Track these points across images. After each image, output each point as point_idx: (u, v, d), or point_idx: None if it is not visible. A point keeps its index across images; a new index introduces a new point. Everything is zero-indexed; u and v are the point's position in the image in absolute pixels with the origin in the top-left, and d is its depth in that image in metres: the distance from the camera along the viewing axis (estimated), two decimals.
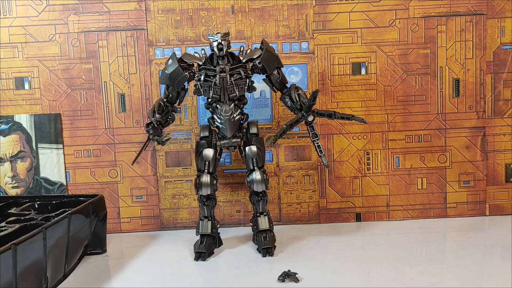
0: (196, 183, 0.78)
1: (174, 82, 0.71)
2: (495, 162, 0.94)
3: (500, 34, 0.91)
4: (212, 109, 0.76)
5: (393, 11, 0.91)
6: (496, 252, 0.76)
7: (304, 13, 0.91)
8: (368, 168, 0.93)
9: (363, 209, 0.94)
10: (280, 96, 0.78)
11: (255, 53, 0.75)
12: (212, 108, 0.76)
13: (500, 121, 0.93)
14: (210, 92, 0.73)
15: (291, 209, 0.94)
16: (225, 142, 0.78)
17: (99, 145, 0.92)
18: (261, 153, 0.78)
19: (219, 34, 0.72)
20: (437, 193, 0.94)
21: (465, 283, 0.65)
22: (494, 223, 0.91)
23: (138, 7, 0.90)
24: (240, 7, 0.90)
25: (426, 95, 0.92)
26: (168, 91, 0.72)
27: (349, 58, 0.91)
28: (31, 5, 0.90)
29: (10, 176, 0.92)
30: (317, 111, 0.75)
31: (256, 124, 0.80)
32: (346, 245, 0.82)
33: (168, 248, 0.84)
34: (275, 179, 0.93)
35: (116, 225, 0.94)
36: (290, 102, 0.76)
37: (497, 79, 0.92)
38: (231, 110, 0.75)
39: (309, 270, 0.71)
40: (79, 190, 0.93)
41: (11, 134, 0.92)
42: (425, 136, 0.93)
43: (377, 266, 0.73)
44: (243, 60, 0.75)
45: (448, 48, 0.91)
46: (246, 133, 0.79)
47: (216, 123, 0.77)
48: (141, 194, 0.94)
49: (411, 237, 0.85)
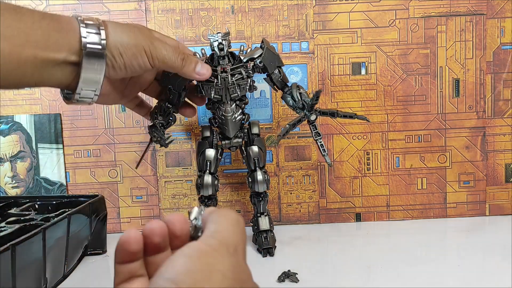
0: (197, 183, 0.78)
1: (175, 83, 0.70)
2: (495, 162, 0.94)
3: (500, 34, 0.91)
4: (213, 110, 0.76)
5: (393, 11, 0.91)
6: (496, 252, 0.76)
7: (304, 13, 0.90)
8: (368, 168, 0.93)
9: (363, 209, 0.94)
10: (282, 95, 0.78)
11: (256, 52, 0.75)
12: (214, 108, 0.76)
13: (500, 121, 0.93)
14: (211, 93, 0.73)
15: (291, 209, 0.94)
16: (226, 142, 0.78)
17: (99, 145, 0.92)
18: (262, 154, 0.79)
19: (219, 34, 0.72)
20: (437, 193, 0.94)
21: (465, 283, 0.65)
22: (494, 223, 0.91)
23: (138, 7, 0.90)
24: (240, 7, 0.90)
25: (426, 95, 0.92)
26: (169, 93, 0.71)
27: (349, 58, 0.91)
28: (31, 5, 0.90)
29: (10, 176, 0.92)
30: (319, 110, 0.75)
31: (257, 124, 0.80)
32: (346, 245, 0.82)
33: None
34: (275, 179, 0.93)
35: (116, 225, 0.94)
36: (292, 101, 0.76)
37: (497, 79, 0.92)
38: (233, 110, 0.75)
39: (309, 270, 0.71)
40: (79, 190, 0.93)
41: (11, 134, 0.92)
42: (425, 136, 0.93)
43: (377, 266, 0.72)
44: (243, 60, 0.74)
45: (448, 48, 0.91)
46: (247, 133, 0.79)
47: (217, 123, 0.77)
48: (141, 194, 0.94)
49: (411, 237, 0.85)
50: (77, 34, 0.52)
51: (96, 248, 0.81)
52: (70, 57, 0.52)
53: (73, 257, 0.75)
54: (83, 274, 0.74)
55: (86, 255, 0.80)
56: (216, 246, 0.32)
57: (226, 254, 0.32)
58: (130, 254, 0.35)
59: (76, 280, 0.72)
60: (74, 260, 0.75)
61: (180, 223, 0.36)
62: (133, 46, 0.57)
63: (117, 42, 0.55)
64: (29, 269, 0.61)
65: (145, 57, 0.58)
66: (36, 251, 0.62)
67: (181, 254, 0.31)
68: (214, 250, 0.32)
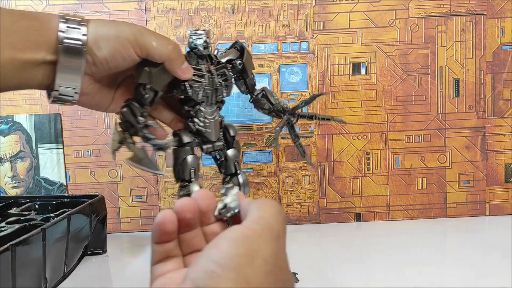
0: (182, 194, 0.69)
1: (156, 80, 0.63)
2: (495, 162, 0.94)
3: (500, 34, 0.91)
4: (194, 112, 0.69)
5: (393, 11, 0.91)
6: (496, 252, 0.76)
7: (304, 13, 0.90)
8: (368, 168, 0.93)
9: (363, 209, 0.94)
10: (254, 98, 0.74)
11: (231, 53, 0.71)
12: (194, 110, 0.68)
13: (500, 121, 0.93)
14: (199, 94, 0.67)
15: (291, 209, 0.94)
16: (208, 146, 0.71)
17: (99, 145, 0.92)
18: (239, 156, 0.74)
19: (202, 30, 0.67)
20: (437, 193, 0.94)
21: (465, 283, 0.65)
22: (494, 223, 0.91)
23: (138, 7, 0.90)
24: (240, 7, 0.90)
25: (426, 95, 0.92)
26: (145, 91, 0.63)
27: (349, 58, 0.91)
28: (31, 5, 0.90)
29: (10, 176, 0.92)
30: (298, 114, 0.74)
31: (233, 126, 0.75)
32: (346, 245, 0.82)
33: None
34: (275, 179, 0.93)
35: (116, 225, 0.94)
36: (268, 104, 0.75)
37: (497, 79, 0.92)
38: (214, 112, 0.70)
39: (309, 270, 0.71)
40: (79, 190, 0.93)
41: (11, 134, 0.92)
42: (425, 136, 0.93)
43: (377, 266, 0.72)
44: (222, 60, 0.70)
45: (448, 48, 0.91)
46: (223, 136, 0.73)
47: (198, 127, 0.69)
48: (141, 194, 0.94)
49: (411, 237, 0.85)
50: (55, 31, 0.51)
51: (96, 248, 0.81)
52: (48, 55, 0.51)
53: (73, 257, 0.75)
54: (83, 274, 0.74)
55: (86, 255, 0.80)
56: (260, 232, 0.33)
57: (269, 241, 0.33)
58: (165, 233, 0.37)
59: (76, 280, 0.72)
60: (74, 260, 0.75)
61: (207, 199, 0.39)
62: (114, 37, 0.54)
63: (97, 36, 0.53)
64: (29, 269, 0.61)
65: (129, 48, 0.55)
66: (36, 251, 0.62)
67: (226, 238, 0.33)
68: (258, 235, 0.33)
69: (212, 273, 0.31)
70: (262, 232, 0.33)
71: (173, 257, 0.38)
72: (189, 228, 0.39)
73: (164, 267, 0.38)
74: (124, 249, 0.87)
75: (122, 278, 0.72)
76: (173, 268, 0.38)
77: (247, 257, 0.32)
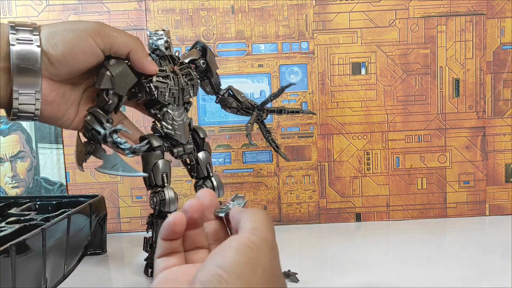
0: (156, 201, 0.66)
1: (119, 85, 0.60)
2: (495, 162, 0.94)
3: (500, 34, 0.91)
4: (161, 115, 0.66)
5: (393, 11, 0.91)
6: (496, 252, 0.76)
7: (304, 13, 0.90)
8: (368, 168, 0.93)
9: (363, 209, 0.94)
10: (220, 98, 0.74)
11: (193, 54, 0.70)
12: (161, 113, 0.66)
13: (500, 121, 0.93)
14: (166, 95, 0.64)
15: (291, 209, 0.94)
16: (179, 150, 0.69)
17: None
18: (210, 158, 0.73)
19: (162, 31, 0.65)
20: (437, 193, 0.94)
21: (465, 283, 0.65)
22: (494, 223, 0.91)
23: (138, 7, 0.90)
24: (240, 7, 0.90)
25: (426, 95, 0.92)
26: (108, 97, 0.60)
27: (349, 58, 0.91)
28: (31, 5, 0.90)
29: (10, 176, 0.92)
30: (267, 109, 0.74)
31: (202, 128, 0.73)
32: (346, 245, 0.82)
33: None
34: (275, 179, 0.93)
35: (116, 225, 0.94)
36: (236, 103, 0.74)
37: (497, 79, 0.92)
38: (182, 114, 0.68)
39: (309, 270, 0.71)
40: (79, 190, 0.93)
41: (11, 134, 0.92)
42: (425, 136, 0.93)
43: (377, 266, 0.72)
44: (185, 61, 0.68)
45: (448, 48, 0.91)
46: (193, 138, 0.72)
47: (166, 130, 0.67)
48: (141, 194, 0.94)
49: (411, 237, 0.85)
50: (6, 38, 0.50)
51: (96, 248, 0.81)
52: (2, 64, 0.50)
53: (73, 257, 0.75)
54: (83, 274, 0.74)
55: (86, 255, 0.80)
56: (258, 243, 0.36)
57: (266, 251, 0.36)
58: (174, 233, 0.40)
59: (76, 280, 0.72)
60: (74, 260, 0.75)
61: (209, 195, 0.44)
62: (69, 31, 0.52)
63: (51, 32, 0.51)
64: (29, 269, 0.61)
65: (89, 39, 0.53)
66: (36, 251, 0.62)
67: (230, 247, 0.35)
68: (257, 246, 0.36)
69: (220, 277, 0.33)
70: (259, 243, 0.36)
71: (177, 253, 0.41)
72: (195, 227, 0.42)
73: (168, 261, 0.40)
74: (124, 249, 0.87)
75: (122, 278, 0.72)
76: (176, 262, 0.41)
77: (249, 265, 0.34)
